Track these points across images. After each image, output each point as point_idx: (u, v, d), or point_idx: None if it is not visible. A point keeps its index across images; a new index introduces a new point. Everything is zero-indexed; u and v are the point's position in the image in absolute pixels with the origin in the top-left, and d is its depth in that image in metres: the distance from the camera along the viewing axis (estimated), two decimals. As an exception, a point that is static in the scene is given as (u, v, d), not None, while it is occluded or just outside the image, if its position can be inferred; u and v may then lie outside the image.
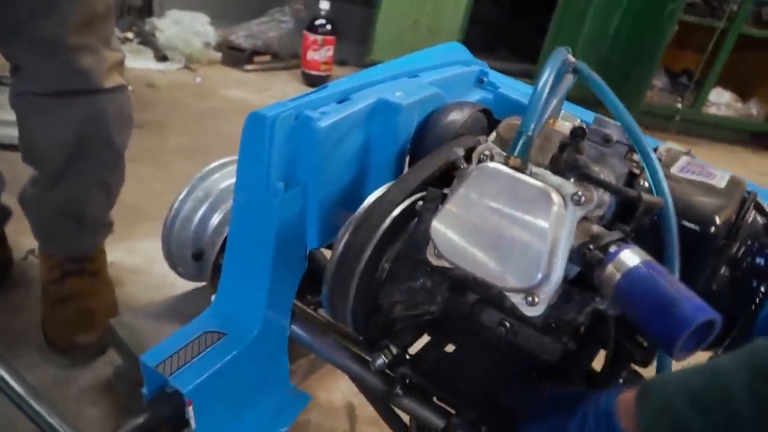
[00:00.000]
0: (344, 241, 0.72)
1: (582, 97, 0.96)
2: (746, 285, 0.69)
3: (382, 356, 0.78)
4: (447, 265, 0.64)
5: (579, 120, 0.88)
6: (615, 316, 0.63)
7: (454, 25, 3.37)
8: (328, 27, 3.25)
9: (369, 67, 0.91)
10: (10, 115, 1.33)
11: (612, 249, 0.58)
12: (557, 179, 0.59)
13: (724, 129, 3.72)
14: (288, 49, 3.52)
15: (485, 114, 0.93)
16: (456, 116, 0.87)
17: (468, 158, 0.66)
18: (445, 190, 0.69)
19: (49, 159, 1.27)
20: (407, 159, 0.90)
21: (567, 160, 0.57)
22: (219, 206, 1.23)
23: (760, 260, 0.69)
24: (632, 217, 0.65)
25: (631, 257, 0.56)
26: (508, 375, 0.80)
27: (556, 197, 0.56)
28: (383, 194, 0.74)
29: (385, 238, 0.71)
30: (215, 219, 1.22)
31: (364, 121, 0.83)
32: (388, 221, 0.71)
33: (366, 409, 1.41)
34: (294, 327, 0.89)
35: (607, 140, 0.69)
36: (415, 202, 0.72)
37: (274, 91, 3.16)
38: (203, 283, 1.40)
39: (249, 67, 3.36)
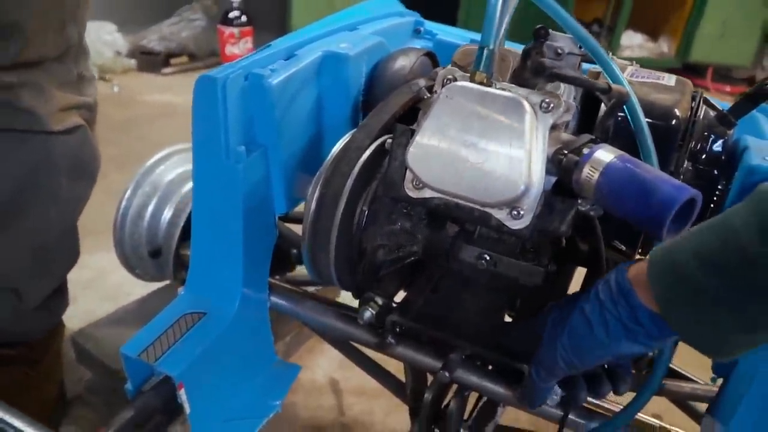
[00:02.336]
0: (317, 194, 0.71)
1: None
2: (708, 175, 0.72)
3: (369, 309, 0.77)
4: (427, 195, 0.63)
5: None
6: (598, 217, 0.64)
7: (369, 2, 3.35)
8: (243, 18, 3.18)
9: None
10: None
11: (585, 150, 0.59)
12: (523, 90, 0.60)
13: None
14: (204, 48, 3.43)
15: (429, 57, 0.93)
16: (404, 62, 0.87)
17: (430, 90, 0.66)
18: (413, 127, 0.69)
19: None
20: (360, 111, 0.89)
21: (533, 65, 0.58)
22: (169, 198, 1.18)
23: (717, 149, 0.72)
24: (594, 122, 0.66)
25: (605, 154, 0.57)
26: (496, 306, 0.81)
27: (527, 105, 0.57)
28: (348, 142, 0.73)
29: (358, 184, 0.70)
30: (167, 212, 1.18)
31: (314, 76, 0.82)
32: (358, 166, 0.70)
33: (349, 382, 1.40)
34: (273, 298, 0.87)
35: (558, 53, 0.70)
36: (383, 143, 0.71)
37: (198, 90, 3.08)
38: (162, 284, 1.36)
39: (167, 70, 3.26)
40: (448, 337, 0.77)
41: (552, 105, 0.58)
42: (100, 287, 1.58)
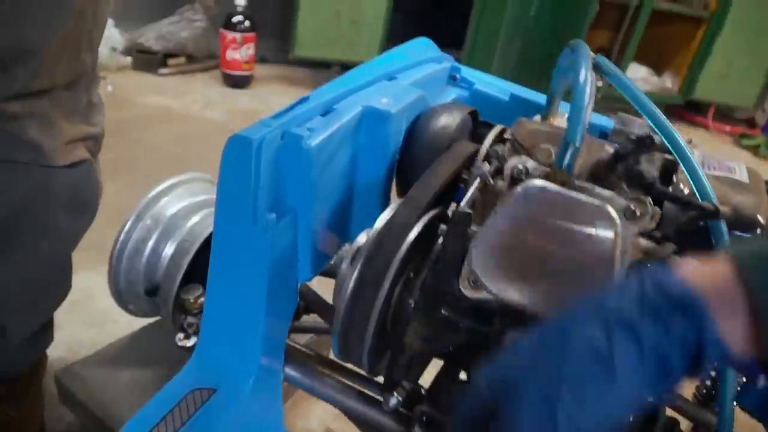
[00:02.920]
0: (356, 274, 0.63)
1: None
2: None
3: (395, 394, 0.70)
4: (487, 296, 0.57)
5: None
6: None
7: (377, 15, 3.29)
8: (247, 23, 3.10)
9: (293, 64, 0.81)
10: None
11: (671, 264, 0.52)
12: (606, 192, 0.53)
13: (642, 103, 3.84)
14: (203, 49, 3.34)
15: (471, 115, 0.86)
16: (447, 120, 0.80)
17: (494, 173, 0.59)
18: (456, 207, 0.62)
19: None
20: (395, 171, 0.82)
21: (629, 173, 0.51)
22: (172, 234, 1.10)
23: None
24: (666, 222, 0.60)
25: (694, 272, 0.51)
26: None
27: (615, 216, 0.50)
28: (393, 217, 0.65)
29: (402, 266, 0.63)
30: (169, 248, 1.10)
31: (351, 134, 0.75)
32: (404, 247, 0.63)
33: (347, 433, 1.33)
34: (288, 370, 0.80)
35: (630, 140, 0.63)
36: (430, 221, 0.65)
37: (196, 95, 2.98)
38: (154, 319, 1.27)
39: (164, 70, 3.16)
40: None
41: (638, 213, 0.52)
42: (84, 311, 1.49)
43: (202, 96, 2.95)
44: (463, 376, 0.78)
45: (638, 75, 3.82)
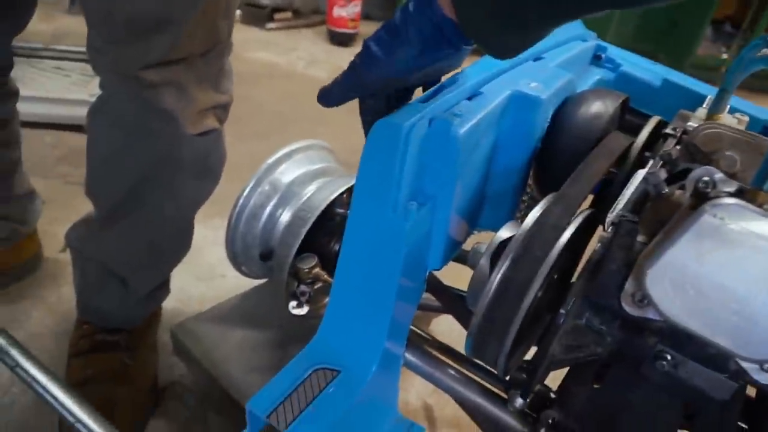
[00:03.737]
0: (500, 276, 0.60)
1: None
2: None
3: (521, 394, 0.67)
4: (650, 316, 0.52)
5: (746, 116, 0.75)
6: None
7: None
8: (355, -20, 3.05)
9: None
10: (29, 91, 1.11)
11: None
12: (807, 214, 0.46)
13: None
14: (309, 4, 3.33)
15: (622, 104, 0.79)
16: (599, 109, 0.74)
17: (669, 180, 0.54)
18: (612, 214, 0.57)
19: (106, 197, 1.04)
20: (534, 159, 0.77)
21: None
22: (289, 201, 1.11)
23: None
24: None
25: None
26: (670, 418, 0.69)
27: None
28: (543, 216, 0.61)
29: (551, 272, 0.59)
30: (285, 216, 1.11)
31: (496, 120, 0.70)
32: (556, 250, 0.58)
33: (443, 410, 1.32)
34: (408, 355, 0.78)
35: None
36: (584, 222, 0.60)
37: (301, 51, 2.99)
38: (264, 280, 1.29)
39: (271, 25, 3.18)
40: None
41: None
42: (193, 265, 1.53)
43: (307, 53, 2.95)
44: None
45: None
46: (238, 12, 3.20)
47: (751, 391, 0.63)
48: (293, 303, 1.04)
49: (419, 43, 0.55)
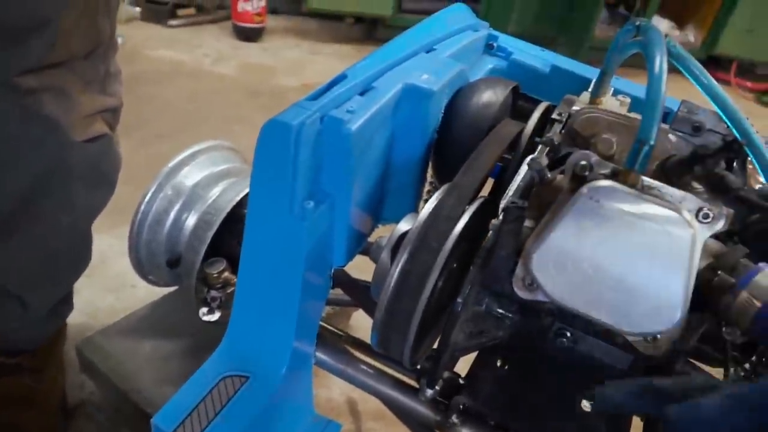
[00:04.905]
0: (399, 268, 0.60)
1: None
2: None
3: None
4: (540, 298, 0.54)
5: (628, 97, 0.78)
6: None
7: (390, -36, 3.16)
8: (259, -27, 2.99)
9: (304, 16, 0.75)
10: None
11: (743, 271, 0.49)
12: (678, 193, 0.49)
13: (664, 59, 3.72)
14: (213, 0, 3.24)
15: (513, 90, 0.81)
16: (490, 98, 0.76)
17: (551, 167, 0.55)
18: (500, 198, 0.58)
19: None
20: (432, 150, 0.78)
21: (709, 178, 0.47)
22: (193, 205, 1.07)
23: None
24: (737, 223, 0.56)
25: (769, 280, 0.48)
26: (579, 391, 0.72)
27: (691, 221, 0.46)
28: (437, 208, 0.62)
29: (448, 262, 0.60)
30: (191, 220, 1.07)
31: (390, 113, 0.70)
32: (450, 241, 0.59)
33: (367, 404, 1.32)
34: (319, 354, 0.78)
35: (697, 128, 0.59)
36: (477, 211, 0.61)
37: (207, 48, 2.90)
38: (173, 289, 1.25)
39: (173, 22, 3.07)
40: (521, 427, 0.69)
41: (712, 216, 0.48)
42: (101, 276, 1.47)
43: (213, 49, 2.88)
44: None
45: (660, 28, 3.67)
46: (138, 9, 3.07)
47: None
48: (204, 309, 1.01)
49: None
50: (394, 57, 0.75)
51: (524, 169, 0.65)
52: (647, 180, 0.50)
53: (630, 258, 0.47)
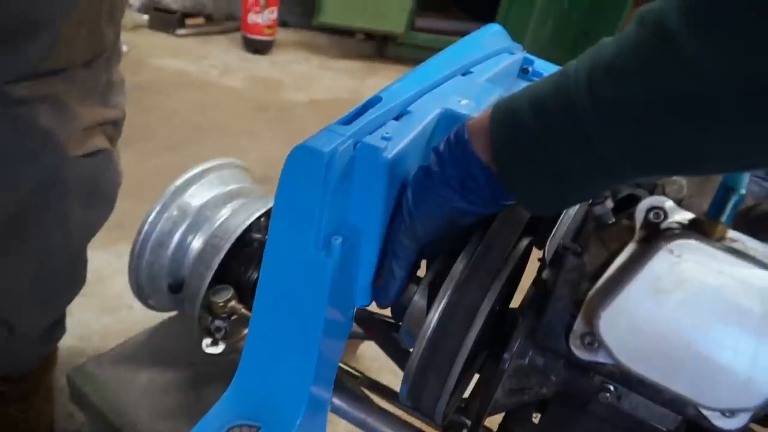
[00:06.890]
0: (444, 303, 0.54)
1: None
2: None
3: (458, 434, 0.62)
4: (601, 360, 0.47)
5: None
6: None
7: (405, -19, 3.12)
8: (271, -15, 2.95)
9: (315, 30, 0.70)
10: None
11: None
12: (761, 247, 0.43)
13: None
14: (223, 10, 3.20)
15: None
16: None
17: (616, 209, 0.49)
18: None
19: None
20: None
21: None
22: (200, 227, 1.01)
23: None
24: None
25: None
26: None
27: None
28: (489, 238, 0.56)
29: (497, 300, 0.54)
30: (196, 243, 1.01)
31: (426, 141, 0.64)
32: (505, 273, 0.53)
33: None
34: (335, 399, 0.71)
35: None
36: (528, 248, 0.55)
37: (214, 59, 2.85)
38: (173, 313, 1.18)
39: (181, 31, 3.03)
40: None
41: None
42: (95, 296, 1.40)
43: (220, 61, 2.82)
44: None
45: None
46: (145, 17, 3.03)
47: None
48: (207, 341, 0.94)
49: (453, 186, 0.52)
50: (430, 79, 0.70)
51: (574, 208, 0.59)
52: (731, 232, 0.44)
53: (718, 326, 0.41)
